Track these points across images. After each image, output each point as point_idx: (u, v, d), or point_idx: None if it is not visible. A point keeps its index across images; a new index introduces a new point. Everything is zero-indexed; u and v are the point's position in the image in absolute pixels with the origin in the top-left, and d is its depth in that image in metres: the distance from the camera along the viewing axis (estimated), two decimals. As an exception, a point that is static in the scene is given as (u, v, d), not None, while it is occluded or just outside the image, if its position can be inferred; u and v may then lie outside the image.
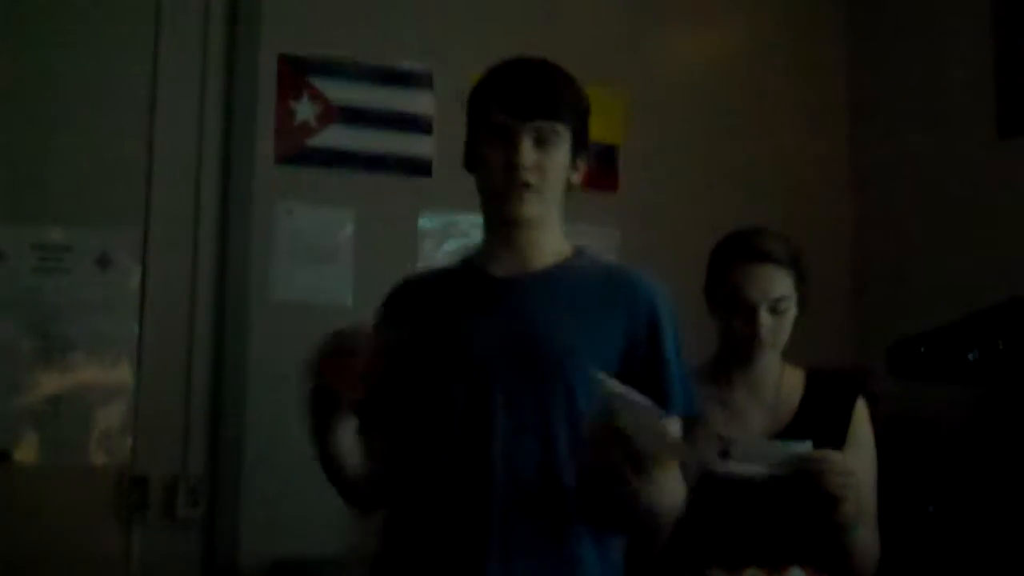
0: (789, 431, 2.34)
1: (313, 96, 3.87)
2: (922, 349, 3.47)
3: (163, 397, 3.64)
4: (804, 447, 2.21)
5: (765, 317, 2.31)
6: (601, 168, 4.31)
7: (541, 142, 1.91)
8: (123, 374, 3.63)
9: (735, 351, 2.36)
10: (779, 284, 2.32)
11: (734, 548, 2.25)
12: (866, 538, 2.34)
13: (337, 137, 3.90)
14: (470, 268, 2.06)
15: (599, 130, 4.26)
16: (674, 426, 1.86)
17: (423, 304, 2.05)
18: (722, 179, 4.40)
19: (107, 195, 3.69)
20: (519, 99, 1.91)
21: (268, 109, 3.82)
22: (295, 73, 3.86)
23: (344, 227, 3.86)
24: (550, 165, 1.93)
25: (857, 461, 2.33)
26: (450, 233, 4.05)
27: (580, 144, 1.99)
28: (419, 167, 4.01)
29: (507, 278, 1.98)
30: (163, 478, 3.60)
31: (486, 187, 1.96)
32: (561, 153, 1.94)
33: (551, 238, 2.03)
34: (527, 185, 1.91)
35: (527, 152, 1.89)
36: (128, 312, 3.66)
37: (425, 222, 4.02)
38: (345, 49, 3.93)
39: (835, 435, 2.35)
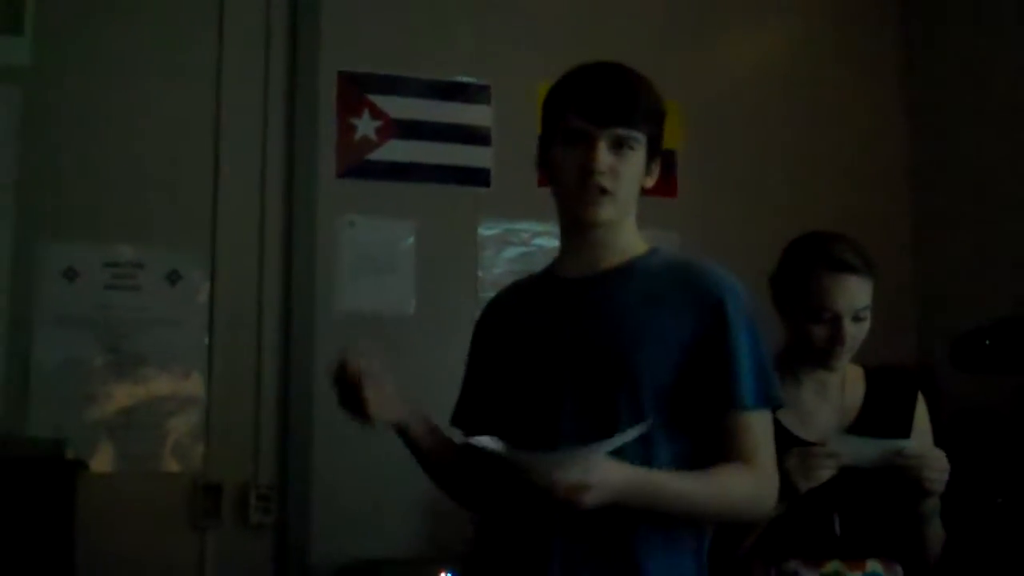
0: (855, 429, 2.38)
1: (372, 111, 3.98)
2: (987, 342, 3.47)
3: (234, 407, 3.76)
4: (900, 443, 2.25)
5: (849, 327, 2.32)
6: (660, 174, 4.35)
7: (618, 148, 1.92)
8: (194, 385, 3.76)
9: (810, 355, 2.37)
10: (863, 295, 2.33)
11: (816, 541, 2.28)
12: (938, 527, 2.37)
13: (397, 150, 4.00)
14: (548, 273, 2.08)
15: None
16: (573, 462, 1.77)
17: (506, 314, 2.10)
18: (779, 181, 4.42)
19: (176, 214, 3.82)
20: (598, 105, 1.92)
21: (329, 125, 3.94)
22: (354, 90, 3.96)
23: (405, 238, 3.95)
24: (625, 171, 1.93)
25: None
26: (510, 241, 4.12)
27: (655, 149, 2.00)
28: (478, 177, 4.09)
29: (577, 279, 2.00)
30: (235, 485, 3.72)
31: (561, 190, 1.96)
32: (637, 159, 1.95)
33: (624, 239, 2.01)
34: (603, 191, 1.91)
35: (603, 157, 1.90)
36: (198, 326, 3.78)
37: (484, 231, 4.09)
38: (403, 65, 4.03)
39: (900, 431, 2.38)
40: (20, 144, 3.69)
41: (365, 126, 3.97)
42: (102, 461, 3.61)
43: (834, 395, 2.41)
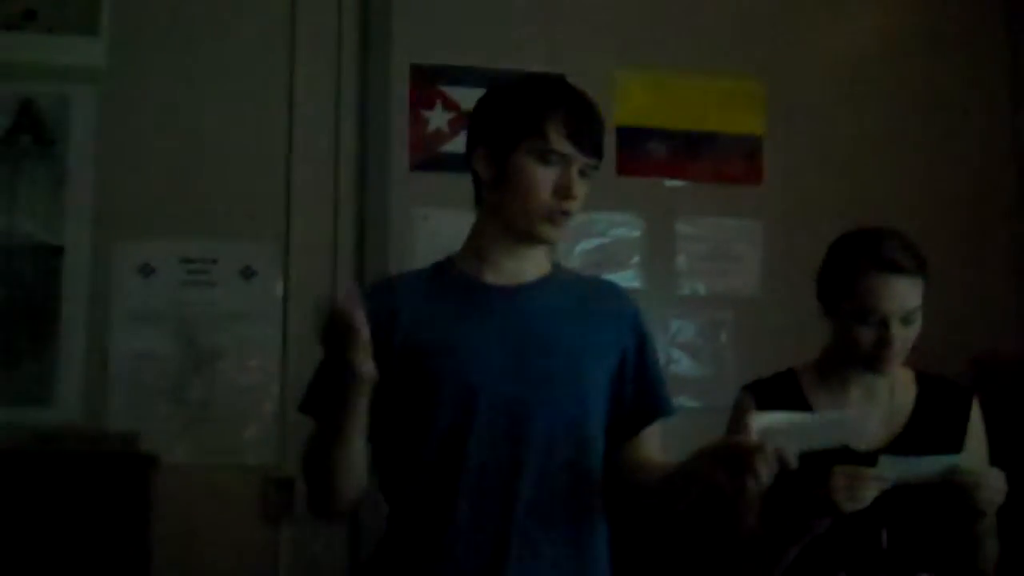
0: (905, 435, 2.28)
1: (445, 103, 3.95)
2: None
3: (307, 401, 3.76)
4: (952, 460, 2.14)
5: (898, 330, 2.22)
6: (744, 160, 4.26)
7: (582, 175, 2.01)
8: (268, 380, 3.79)
9: (856, 358, 2.27)
10: (913, 296, 2.22)
11: (863, 555, 2.19)
12: (994, 544, 2.26)
13: (470, 142, 3.97)
14: (460, 274, 2.08)
15: (740, 121, 4.33)
16: None
17: (412, 304, 2.04)
18: (870, 167, 4.28)
19: (250, 209, 3.86)
20: (586, 134, 1.99)
21: (401, 118, 3.92)
22: (426, 82, 3.95)
23: (479, 230, 3.91)
24: (583, 197, 2.04)
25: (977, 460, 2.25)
26: (587, 232, 4.07)
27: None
28: (552, 168, 4.03)
29: (505, 287, 2.04)
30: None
31: (520, 204, 2.00)
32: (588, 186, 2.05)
33: (542, 253, 2.11)
34: (566, 214, 2.01)
35: (579, 184, 1.99)
36: (272, 320, 3.82)
37: (561, 222, 4.04)
38: (475, 56, 3.99)
39: (952, 443, 2.27)
40: (97, 144, 3.77)
41: (438, 118, 3.95)
42: (178, 454, 3.66)
43: (883, 400, 2.31)
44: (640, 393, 2.04)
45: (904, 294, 2.21)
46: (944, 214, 4.26)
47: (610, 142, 4.36)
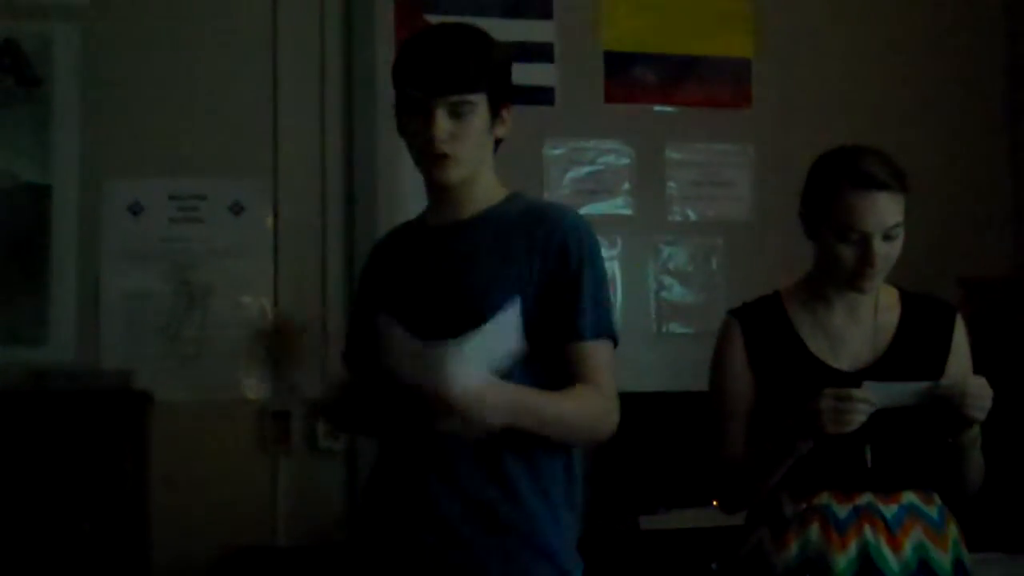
0: (889, 355, 2.27)
1: (431, 32, 3.92)
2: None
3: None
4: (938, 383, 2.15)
5: (880, 246, 2.20)
6: (733, 84, 4.24)
7: (456, 115, 2.01)
8: (261, 314, 3.79)
9: (839, 277, 2.26)
10: (893, 211, 2.18)
11: (848, 474, 2.20)
12: (979, 457, 2.26)
13: (457, 71, 3.94)
14: (420, 221, 2.20)
15: (728, 44, 4.30)
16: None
17: (384, 258, 2.21)
18: (860, 89, 4.25)
19: (237, 145, 3.85)
20: (431, 76, 2.00)
21: (387, 46, 3.87)
22: (412, 9, 3.91)
23: (468, 160, 3.90)
24: (466, 134, 2.03)
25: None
26: (576, 160, 4.06)
27: (500, 100, 2.08)
28: (542, 96, 4.02)
29: (439, 227, 2.12)
30: (303, 412, 3.75)
31: (412, 154, 2.08)
32: (477, 120, 2.04)
33: (480, 190, 2.12)
34: (444, 155, 2.02)
35: (442, 125, 2.00)
36: (263, 255, 3.82)
37: (549, 151, 4.03)
38: (462, -18, 3.96)
39: (935, 362, 2.25)
40: (82, 82, 3.75)
41: (424, 47, 3.91)
42: (173, 392, 3.67)
43: (866, 319, 2.30)
44: (557, 319, 2.03)
45: (883, 210, 2.19)
46: (936, 133, 4.26)
47: (597, 69, 4.39)
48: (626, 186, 4.13)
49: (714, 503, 2.36)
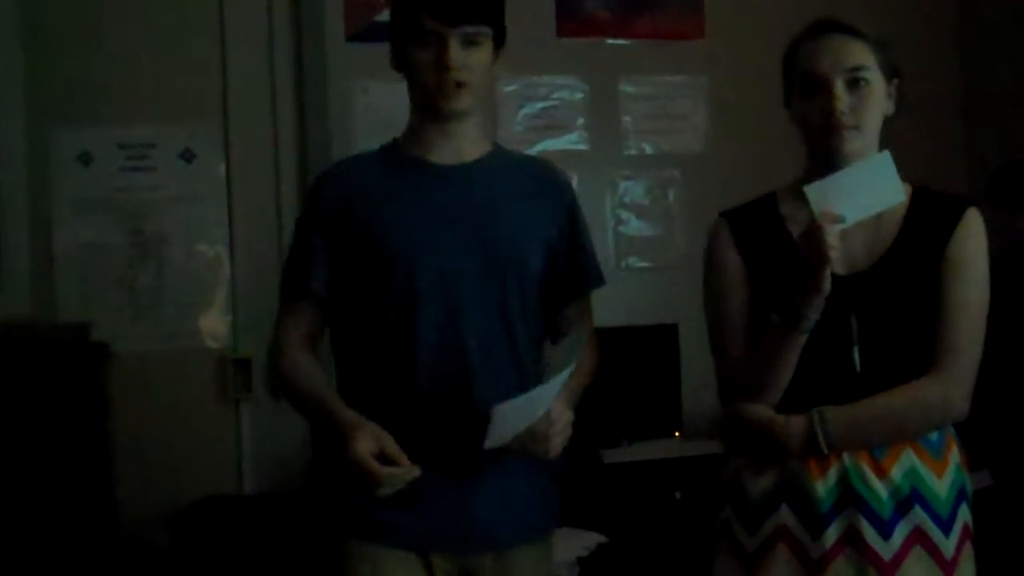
0: (889, 257, 2.13)
1: (378, -30, 3.87)
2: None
3: (258, 280, 3.73)
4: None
5: (840, 90, 2.00)
6: (686, 15, 4.21)
7: (468, 44, 2.07)
8: (217, 261, 3.77)
9: (813, 142, 2.11)
10: (853, 54, 2.03)
11: (839, 383, 2.08)
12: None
13: (406, 9, 3.89)
14: (409, 156, 2.17)
15: None
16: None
17: (365, 184, 2.16)
18: (814, 13, 4.22)
19: (185, 91, 3.79)
20: (448, 6, 2.05)
21: (335, -12, 3.85)
22: (358, -51, 3.86)
23: (420, 100, 3.86)
24: (477, 64, 2.08)
25: (957, 281, 2.15)
26: (529, 96, 4.04)
27: (501, 38, 2.15)
28: (493, 33, 3.97)
29: (450, 165, 2.14)
30: (265, 358, 3.73)
31: (419, 86, 2.10)
32: (486, 51, 2.10)
33: (477, 131, 2.19)
34: (459, 84, 2.06)
35: (457, 54, 2.05)
36: (216, 202, 3.79)
37: (502, 87, 3.99)
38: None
39: (931, 260, 2.06)
40: (24, 31, 3.67)
41: (371, -14, 3.87)
42: (132, 342, 3.64)
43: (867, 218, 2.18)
44: (572, 270, 2.19)
45: (839, 49, 2.04)
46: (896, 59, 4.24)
47: (549, 4, 4.34)
48: (580, 121, 4.11)
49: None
